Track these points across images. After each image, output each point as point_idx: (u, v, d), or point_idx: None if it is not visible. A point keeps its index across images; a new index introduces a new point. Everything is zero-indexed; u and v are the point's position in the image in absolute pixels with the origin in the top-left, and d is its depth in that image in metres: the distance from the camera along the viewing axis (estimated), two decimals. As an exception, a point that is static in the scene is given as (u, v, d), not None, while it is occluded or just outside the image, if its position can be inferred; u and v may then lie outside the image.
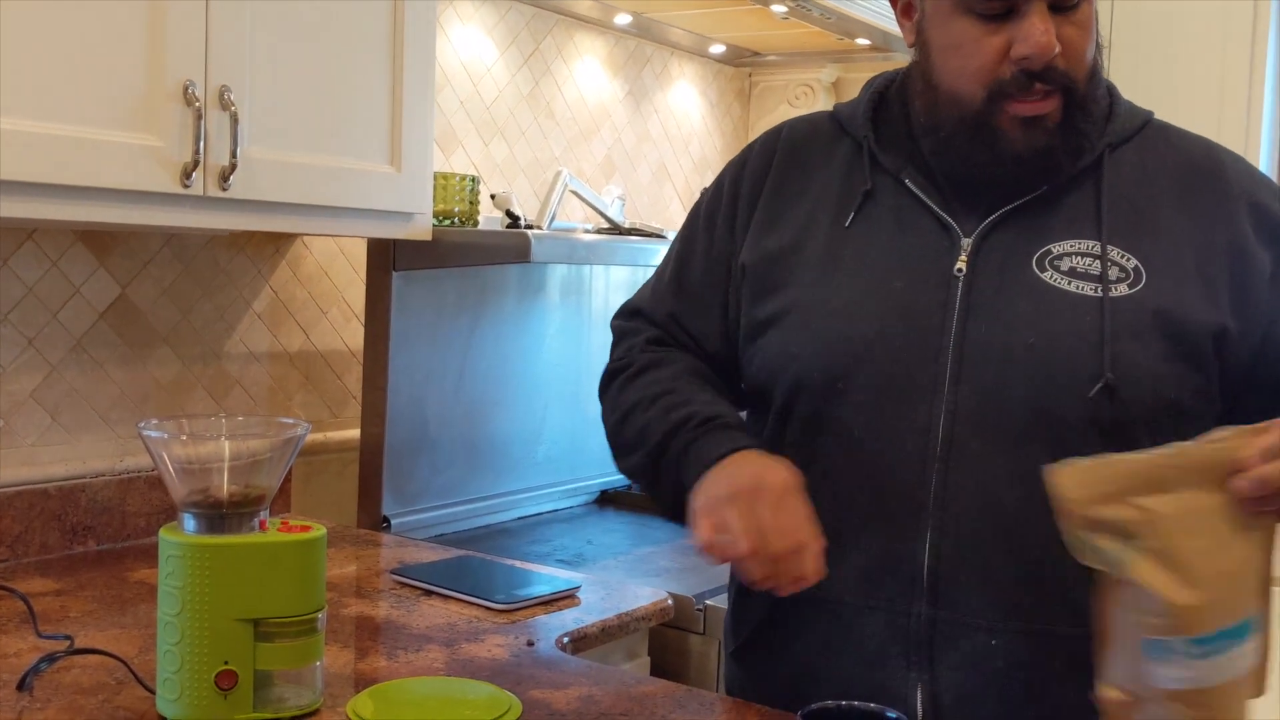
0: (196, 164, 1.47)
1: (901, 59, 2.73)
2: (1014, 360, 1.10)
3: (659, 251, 2.15)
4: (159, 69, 1.44)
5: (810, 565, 1.03)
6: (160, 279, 1.86)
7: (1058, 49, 1.09)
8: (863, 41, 2.53)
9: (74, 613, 1.46)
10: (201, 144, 1.47)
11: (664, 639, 1.74)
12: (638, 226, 2.35)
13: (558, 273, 2.34)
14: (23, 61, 1.33)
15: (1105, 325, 1.09)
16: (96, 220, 1.44)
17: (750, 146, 1.33)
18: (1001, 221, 1.15)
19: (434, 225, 1.89)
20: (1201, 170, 1.19)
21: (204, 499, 1.12)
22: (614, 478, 2.50)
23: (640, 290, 1.37)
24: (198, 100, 1.46)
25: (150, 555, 1.71)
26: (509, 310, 2.25)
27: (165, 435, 1.14)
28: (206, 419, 1.26)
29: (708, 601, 1.72)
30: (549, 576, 1.71)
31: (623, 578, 1.83)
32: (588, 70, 2.59)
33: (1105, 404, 1.08)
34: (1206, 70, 3.23)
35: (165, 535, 1.11)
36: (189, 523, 1.12)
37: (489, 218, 2.17)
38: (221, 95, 1.49)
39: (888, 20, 2.37)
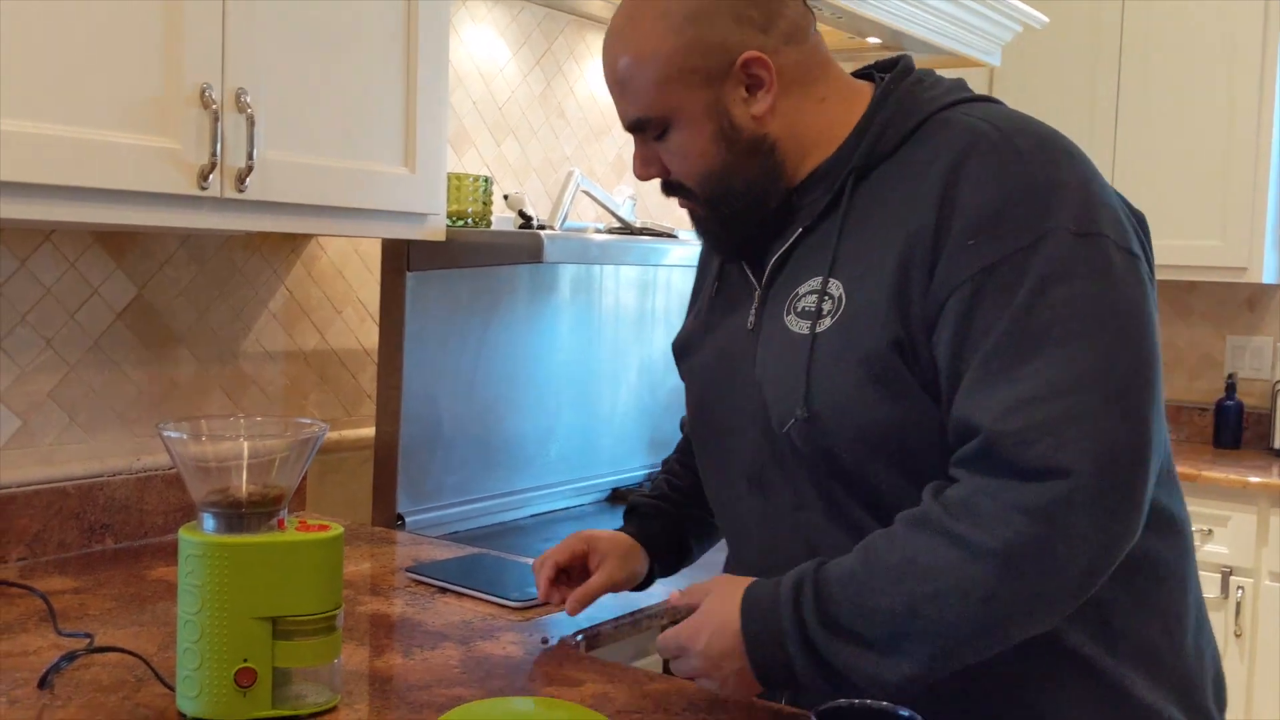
0: (213, 166, 1.48)
1: (913, 58, 2.74)
2: (770, 402, 1.18)
3: (670, 251, 2.16)
4: (176, 72, 1.45)
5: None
6: (177, 279, 1.88)
7: (652, 173, 1.22)
8: (874, 40, 2.53)
9: (93, 610, 1.47)
10: (218, 146, 1.48)
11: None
12: (649, 226, 2.36)
13: (569, 272, 2.35)
14: (41, 65, 1.34)
15: (807, 361, 1.13)
16: (114, 222, 1.46)
17: None
18: (776, 270, 1.21)
19: (448, 226, 1.90)
20: (923, 170, 1.10)
21: (223, 499, 1.13)
22: (625, 475, 2.51)
23: None
24: (214, 103, 1.48)
25: (168, 553, 1.73)
26: (521, 310, 2.26)
27: (184, 436, 1.15)
28: (225, 419, 1.27)
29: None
30: (562, 574, 1.71)
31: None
32: (599, 70, 2.59)
33: (812, 436, 1.13)
34: (1216, 76, 3.23)
35: (185, 534, 1.13)
36: (208, 522, 1.13)
37: (502, 218, 2.18)
38: (238, 98, 1.51)
39: (898, 19, 2.38)
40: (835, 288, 1.13)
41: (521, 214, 2.11)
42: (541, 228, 2.08)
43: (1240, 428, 3.42)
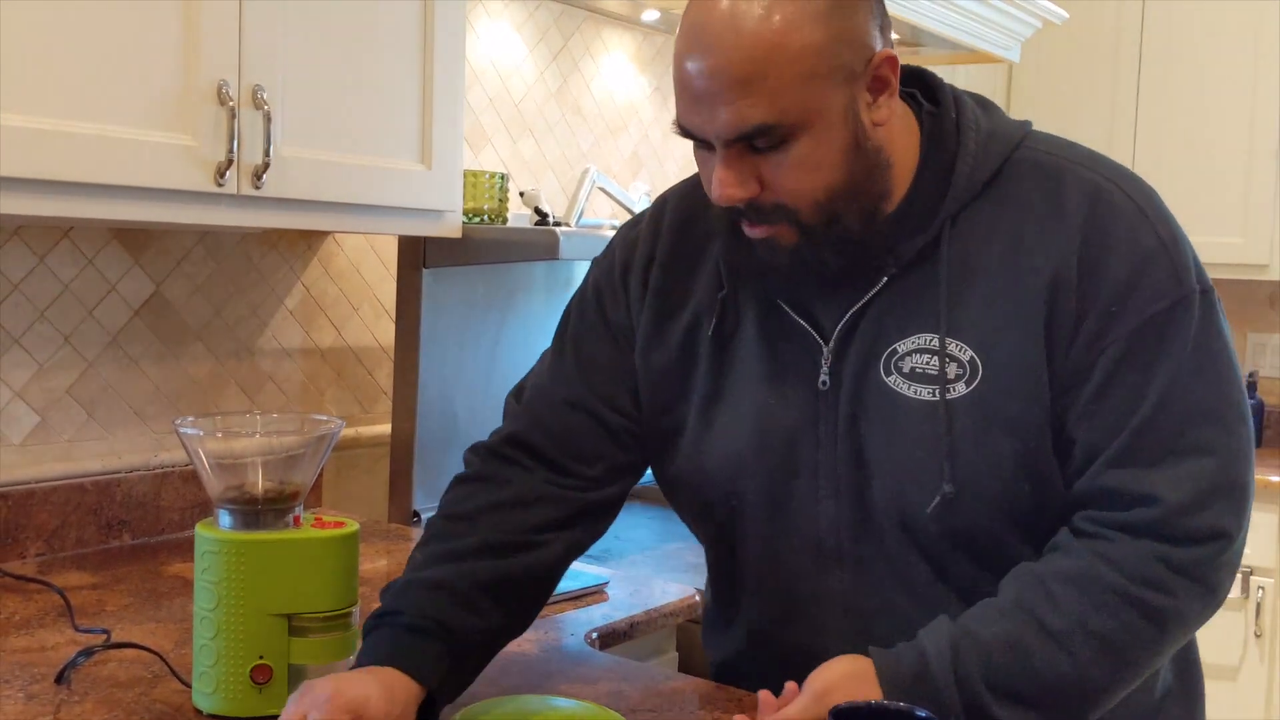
0: (230, 163, 1.48)
1: (931, 54, 2.73)
2: (870, 473, 1.09)
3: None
4: (194, 69, 1.46)
5: None
6: (194, 276, 1.89)
7: (747, 194, 1.03)
8: (893, 36, 2.52)
9: (110, 606, 1.48)
10: (235, 143, 1.48)
11: (691, 635, 1.74)
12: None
13: (584, 269, 2.35)
14: (58, 62, 1.34)
15: (943, 432, 1.05)
16: (132, 219, 1.46)
17: (637, 222, 1.27)
18: (856, 320, 1.10)
19: (464, 223, 1.90)
20: (1038, 223, 1.05)
21: (239, 495, 1.13)
22: (642, 473, 2.51)
23: (536, 369, 1.29)
24: (231, 100, 1.48)
25: (185, 549, 1.73)
26: (537, 306, 2.25)
27: (201, 433, 1.15)
28: (241, 416, 1.27)
29: (736, 598, 1.72)
30: (577, 572, 1.71)
31: (650, 574, 1.83)
32: (615, 66, 2.59)
33: (949, 514, 1.06)
34: (1238, 73, 3.20)
35: (201, 531, 1.13)
36: (224, 519, 1.13)
37: (518, 215, 2.18)
38: (255, 94, 1.51)
39: (919, 15, 2.36)
40: (958, 349, 1.05)
41: (537, 211, 2.11)
42: (557, 224, 2.08)
43: (1262, 427, 3.40)
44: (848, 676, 1.03)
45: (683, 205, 1.22)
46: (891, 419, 1.07)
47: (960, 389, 1.05)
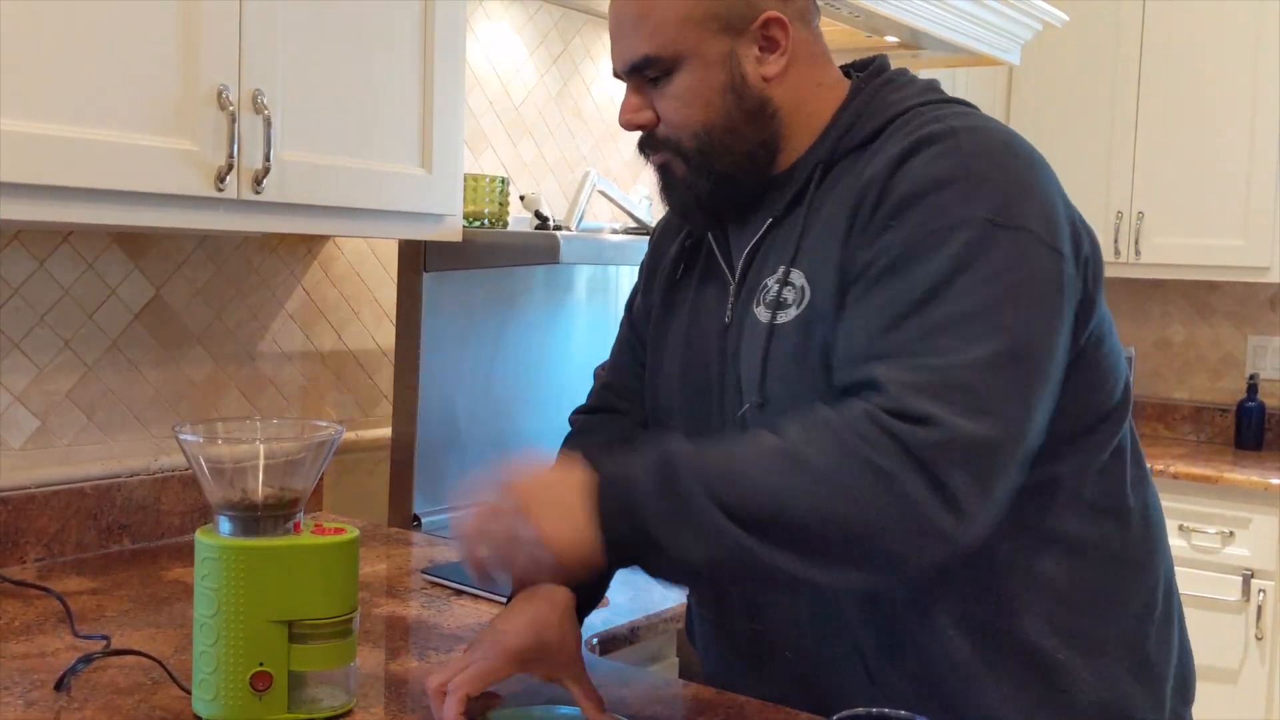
0: (231, 167, 1.48)
1: (931, 57, 2.73)
2: (741, 400, 1.19)
3: (688, 251, 2.16)
4: (193, 73, 1.45)
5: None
6: (194, 280, 1.88)
7: (642, 120, 1.20)
8: (891, 39, 2.52)
9: (110, 612, 1.48)
10: (235, 147, 1.48)
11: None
12: (666, 226, 2.35)
13: (586, 273, 2.35)
14: (59, 67, 1.34)
15: (765, 351, 1.15)
16: (132, 223, 1.46)
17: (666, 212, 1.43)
18: (749, 262, 1.22)
19: (464, 226, 1.90)
20: (874, 156, 1.13)
21: (239, 501, 1.13)
22: (642, 476, 2.50)
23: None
24: (231, 104, 1.48)
25: (184, 554, 1.73)
26: (537, 310, 2.25)
27: (200, 438, 1.15)
28: (241, 422, 1.27)
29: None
30: (578, 576, 1.71)
31: (650, 579, 1.83)
32: (616, 69, 2.59)
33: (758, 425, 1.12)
34: (1239, 75, 3.20)
35: (201, 537, 1.13)
36: (224, 525, 1.13)
37: (518, 218, 2.18)
38: (255, 99, 1.51)
39: (916, 17, 2.36)
40: (798, 278, 1.14)
41: (538, 214, 2.11)
42: (558, 228, 2.08)
43: (1262, 429, 3.40)
44: (545, 469, 1.11)
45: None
46: (748, 344, 1.18)
47: (792, 313, 1.14)
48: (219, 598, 1.11)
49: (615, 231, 2.32)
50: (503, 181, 2.05)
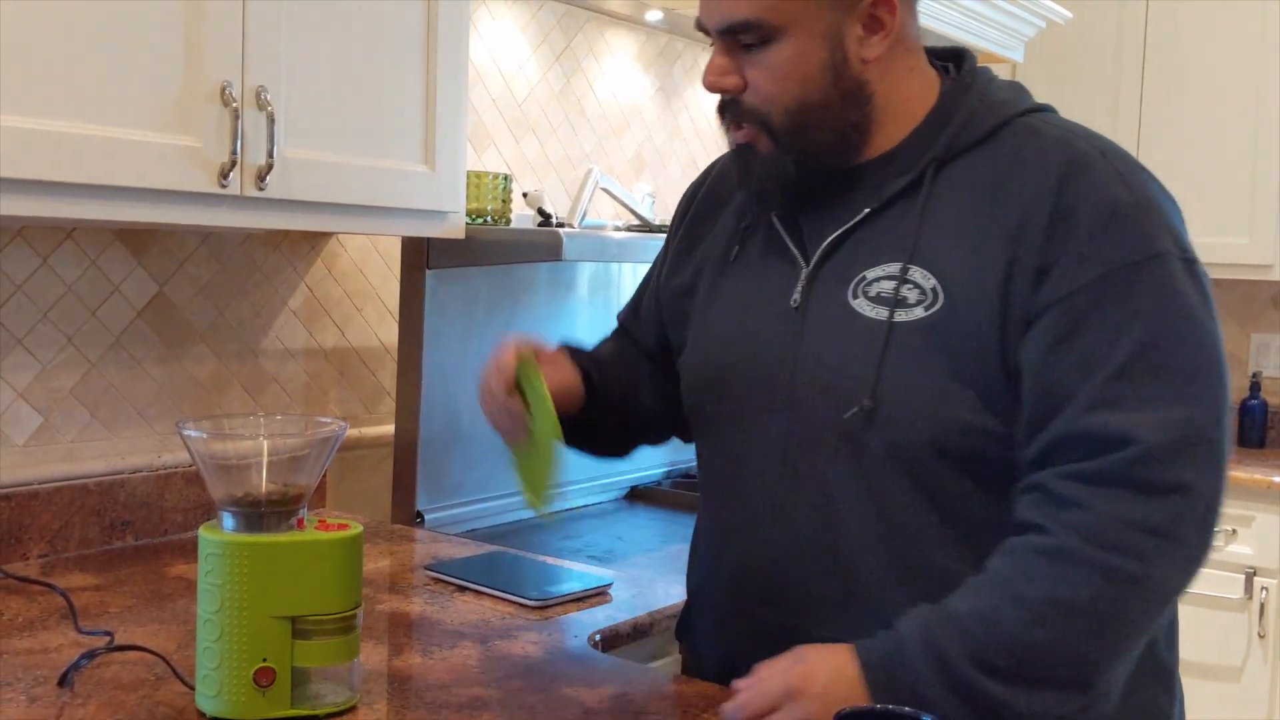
0: (234, 164, 1.48)
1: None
2: (818, 386, 1.16)
3: (690, 249, 2.15)
4: (196, 70, 1.45)
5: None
6: (197, 277, 1.88)
7: (729, 85, 1.15)
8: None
9: (113, 608, 1.48)
10: (238, 144, 1.48)
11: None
12: (668, 224, 2.35)
13: (588, 270, 2.35)
14: (62, 63, 1.34)
15: (883, 350, 1.10)
16: (135, 220, 1.46)
17: (704, 171, 1.41)
18: (833, 249, 1.18)
19: (467, 224, 1.90)
20: (1019, 173, 1.11)
21: (243, 498, 1.13)
22: (644, 473, 2.51)
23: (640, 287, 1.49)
24: (235, 101, 1.48)
25: (188, 550, 1.73)
26: (541, 307, 2.25)
27: (204, 435, 1.15)
28: (245, 418, 1.27)
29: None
30: (580, 573, 1.71)
31: (653, 576, 1.83)
32: (619, 67, 2.59)
33: (867, 427, 1.11)
34: (1242, 72, 3.20)
35: (205, 534, 1.13)
36: (228, 521, 1.13)
37: (521, 215, 2.18)
38: (258, 96, 1.51)
39: (920, 14, 2.35)
40: (923, 277, 1.10)
41: (540, 211, 2.11)
42: (560, 225, 2.08)
43: (1265, 427, 3.39)
44: (825, 648, 1.08)
45: (726, 163, 1.33)
46: (843, 336, 1.14)
47: (918, 312, 1.10)
48: (222, 594, 1.11)
49: (618, 229, 2.32)
50: (506, 179, 2.05)
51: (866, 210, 1.16)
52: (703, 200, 1.36)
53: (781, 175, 1.17)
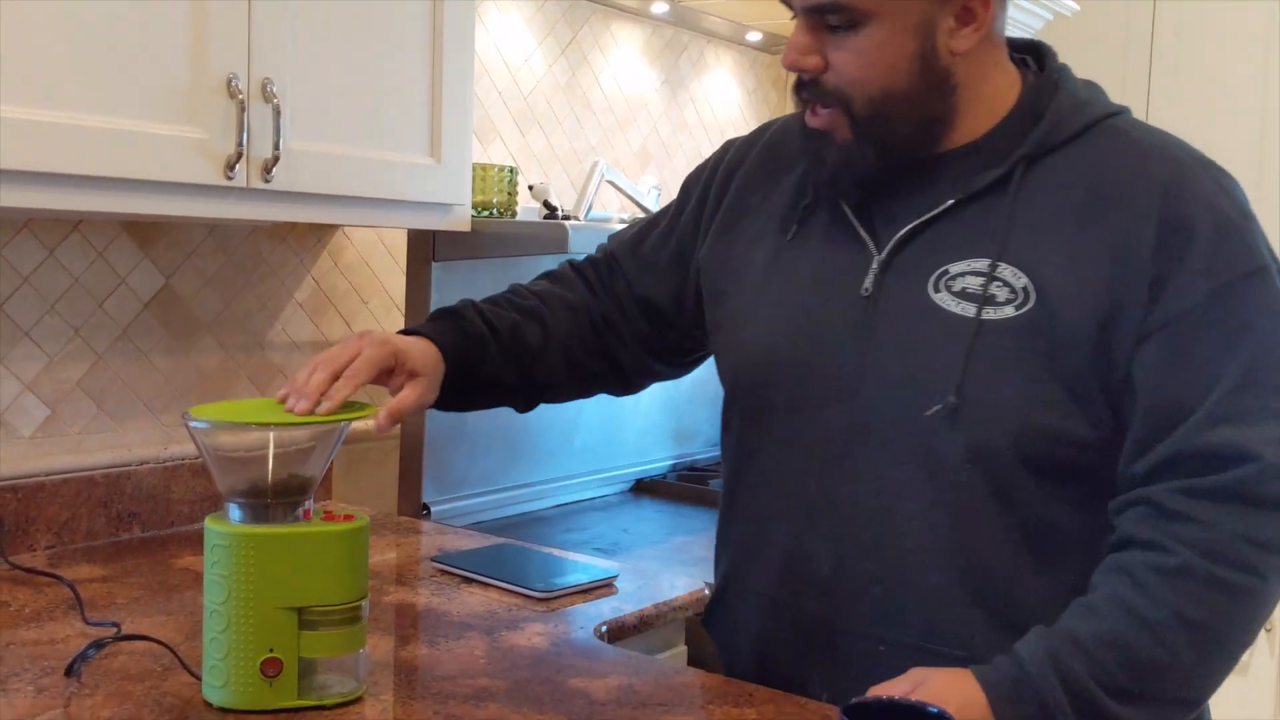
0: (240, 156, 1.48)
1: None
2: (890, 380, 1.13)
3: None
4: (203, 62, 1.46)
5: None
6: (204, 269, 1.89)
7: (810, 65, 1.12)
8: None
9: (120, 599, 1.48)
10: (245, 136, 1.48)
11: (700, 629, 1.74)
12: (675, 216, 2.34)
13: (595, 262, 2.34)
14: (68, 55, 1.34)
15: (970, 347, 1.08)
16: (141, 212, 1.46)
17: (737, 137, 1.38)
18: (911, 238, 1.15)
19: (473, 216, 1.90)
20: (1118, 179, 1.10)
21: (249, 489, 1.13)
22: (649, 466, 2.51)
23: (633, 227, 1.49)
24: (241, 93, 1.48)
25: (194, 541, 1.74)
26: (546, 300, 2.25)
27: (210, 426, 1.15)
28: (251, 409, 1.27)
29: (745, 592, 1.72)
30: (586, 565, 1.71)
31: (659, 567, 1.83)
32: (624, 60, 2.59)
33: (950, 426, 1.08)
34: (1250, 69, 3.18)
35: (211, 525, 1.13)
36: (234, 512, 1.13)
37: (527, 208, 2.18)
38: (264, 88, 1.51)
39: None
40: (1013, 275, 1.08)
41: (546, 204, 2.11)
42: (566, 218, 2.08)
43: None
44: (944, 672, 1.05)
45: (784, 127, 1.31)
46: (923, 329, 1.11)
47: (1008, 311, 1.08)
48: (229, 584, 1.11)
49: (624, 221, 2.32)
50: (511, 171, 2.05)
51: (950, 201, 1.13)
52: (755, 168, 1.31)
53: (859, 165, 1.14)
